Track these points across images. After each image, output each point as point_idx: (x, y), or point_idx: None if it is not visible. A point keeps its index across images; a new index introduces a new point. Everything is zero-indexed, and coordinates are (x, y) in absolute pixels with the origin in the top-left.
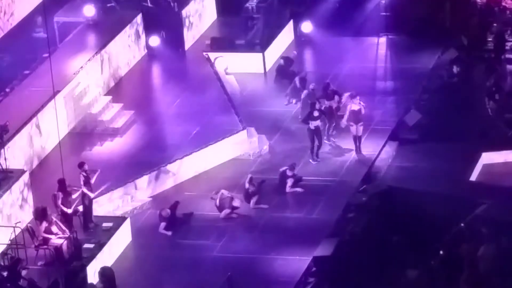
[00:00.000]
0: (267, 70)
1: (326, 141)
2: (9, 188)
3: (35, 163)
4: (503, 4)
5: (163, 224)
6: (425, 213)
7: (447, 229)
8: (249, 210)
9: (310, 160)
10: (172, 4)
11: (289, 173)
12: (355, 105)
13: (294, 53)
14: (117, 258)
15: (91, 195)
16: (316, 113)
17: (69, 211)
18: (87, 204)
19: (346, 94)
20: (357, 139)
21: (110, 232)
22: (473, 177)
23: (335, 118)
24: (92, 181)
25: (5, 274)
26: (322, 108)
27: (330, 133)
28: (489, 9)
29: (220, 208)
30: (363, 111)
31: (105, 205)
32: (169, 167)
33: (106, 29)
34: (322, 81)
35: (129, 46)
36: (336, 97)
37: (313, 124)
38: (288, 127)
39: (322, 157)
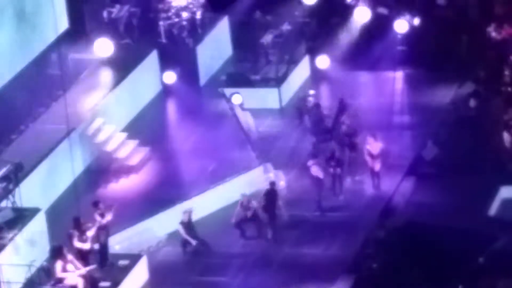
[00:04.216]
0: (283, 105)
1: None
2: (24, 226)
3: (50, 201)
4: None
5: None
6: (444, 248)
7: (466, 264)
8: (266, 246)
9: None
10: (187, 40)
11: (310, 162)
12: (370, 145)
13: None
14: None
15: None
16: (332, 163)
17: (87, 246)
18: (103, 242)
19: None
20: (374, 175)
21: (126, 270)
22: (492, 211)
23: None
24: (108, 218)
25: None
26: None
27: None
28: (505, 42)
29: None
30: (378, 151)
31: (121, 243)
32: (185, 204)
33: (121, 65)
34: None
35: (144, 83)
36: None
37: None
38: (305, 162)
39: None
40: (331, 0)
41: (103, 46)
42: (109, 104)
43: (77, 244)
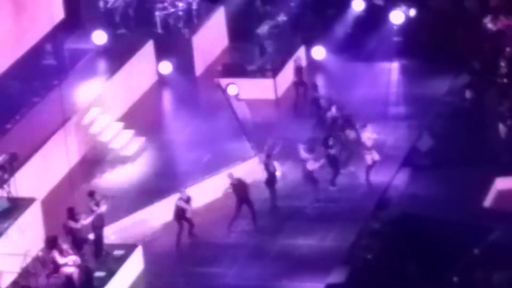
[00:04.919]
0: (278, 96)
1: (342, 170)
2: (19, 216)
3: (46, 191)
4: None
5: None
6: (439, 240)
7: (460, 256)
8: (261, 237)
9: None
10: (183, 30)
11: (306, 157)
12: (365, 134)
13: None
14: (129, 287)
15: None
16: (330, 142)
17: (81, 222)
18: (98, 232)
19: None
20: (370, 166)
21: (122, 260)
22: (487, 203)
23: (351, 148)
24: (103, 208)
25: None
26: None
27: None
28: (501, 34)
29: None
30: (373, 141)
31: (116, 233)
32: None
33: (117, 56)
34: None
35: (140, 73)
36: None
37: (328, 152)
38: (300, 153)
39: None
40: None
41: (99, 36)
42: (105, 94)
43: (72, 233)
